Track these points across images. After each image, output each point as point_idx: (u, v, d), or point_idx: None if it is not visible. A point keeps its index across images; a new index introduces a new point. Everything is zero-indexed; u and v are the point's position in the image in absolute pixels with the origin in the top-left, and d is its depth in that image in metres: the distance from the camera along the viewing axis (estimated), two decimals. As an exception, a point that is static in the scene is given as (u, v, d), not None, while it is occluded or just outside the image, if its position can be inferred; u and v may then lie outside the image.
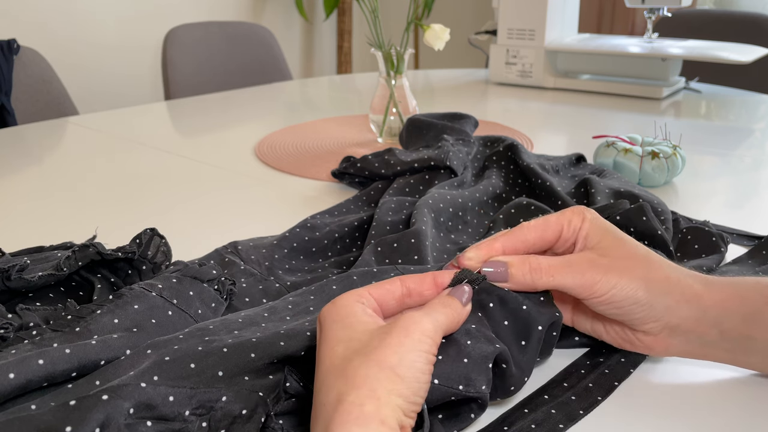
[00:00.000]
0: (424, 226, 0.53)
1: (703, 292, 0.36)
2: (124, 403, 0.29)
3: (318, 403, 0.28)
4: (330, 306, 0.32)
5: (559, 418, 0.35)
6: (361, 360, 0.28)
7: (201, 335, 0.35)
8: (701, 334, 0.36)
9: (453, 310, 0.33)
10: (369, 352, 0.29)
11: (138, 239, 0.45)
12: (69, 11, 2.09)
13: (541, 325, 0.35)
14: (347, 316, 0.31)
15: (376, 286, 0.34)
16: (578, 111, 1.15)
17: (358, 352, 0.29)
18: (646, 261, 0.36)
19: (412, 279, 0.35)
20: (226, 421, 0.31)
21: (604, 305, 0.36)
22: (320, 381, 0.29)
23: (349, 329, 0.30)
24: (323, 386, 0.28)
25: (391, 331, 0.30)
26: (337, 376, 0.28)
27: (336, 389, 0.27)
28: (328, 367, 0.29)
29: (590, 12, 2.42)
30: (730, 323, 0.36)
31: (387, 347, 0.29)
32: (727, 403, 0.37)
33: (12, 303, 0.42)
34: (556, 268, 0.36)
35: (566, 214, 0.38)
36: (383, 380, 0.27)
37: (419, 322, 0.30)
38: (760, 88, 1.34)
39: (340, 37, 2.97)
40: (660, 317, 0.36)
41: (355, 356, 0.29)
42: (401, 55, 0.89)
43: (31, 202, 0.71)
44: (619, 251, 0.36)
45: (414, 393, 0.28)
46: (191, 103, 1.26)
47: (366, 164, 0.70)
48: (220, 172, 0.81)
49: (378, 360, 0.28)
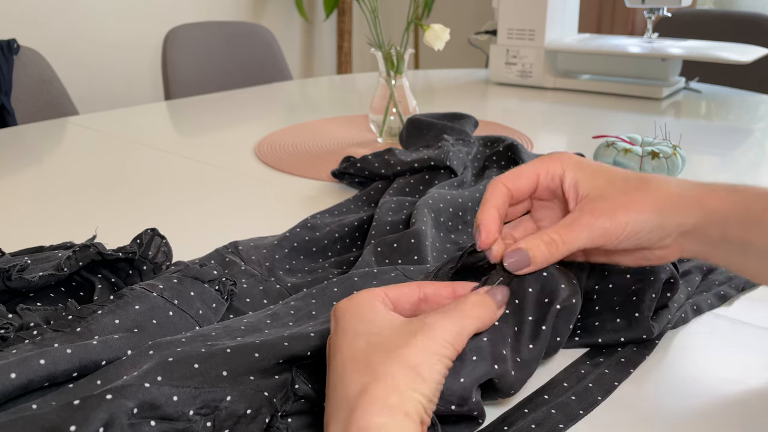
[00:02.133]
0: (424, 226, 0.53)
1: (704, 196, 0.36)
2: (128, 403, 0.29)
3: (336, 395, 0.28)
4: (348, 301, 0.33)
5: (559, 418, 0.35)
6: (385, 356, 0.29)
7: (203, 340, 0.35)
8: (707, 235, 0.37)
9: (487, 312, 0.34)
10: (393, 349, 0.29)
11: (139, 239, 0.45)
12: (69, 11, 2.09)
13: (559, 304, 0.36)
14: (368, 311, 0.32)
15: (393, 288, 0.34)
16: (578, 111, 1.15)
17: (381, 346, 0.29)
18: (644, 187, 0.37)
19: (430, 286, 0.35)
20: (231, 420, 0.31)
21: (621, 243, 0.36)
22: (338, 373, 0.29)
23: (370, 324, 0.31)
24: (343, 378, 0.29)
25: (416, 332, 0.30)
26: (359, 369, 0.28)
27: (359, 382, 0.28)
28: (347, 359, 0.29)
29: (590, 12, 2.42)
30: (732, 227, 0.36)
31: (412, 347, 0.29)
32: (727, 403, 0.37)
33: (12, 303, 0.42)
34: (567, 234, 0.36)
35: (543, 161, 0.39)
36: (406, 378, 0.28)
37: (446, 328, 0.31)
38: (760, 88, 1.34)
39: (340, 37, 2.97)
40: (672, 231, 0.36)
41: (377, 351, 0.29)
42: (401, 55, 0.89)
43: (31, 202, 0.71)
44: (615, 187, 0.37)
45: (433, 394, 0.29)
46: (191, 103, 1.26)
47: (366, 164, 0.70)
48: (220, 172, 0.81)
49: (402, 358, 0.28)
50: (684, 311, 0.45)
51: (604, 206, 0.36)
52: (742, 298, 0.49)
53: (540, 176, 0.39)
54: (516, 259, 0.36)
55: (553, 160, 0.39)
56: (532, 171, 0.39)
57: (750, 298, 0.49)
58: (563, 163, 0.39)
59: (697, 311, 0.46)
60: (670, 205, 0.36)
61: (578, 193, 0.38)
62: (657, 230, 0.36)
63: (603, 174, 0.38)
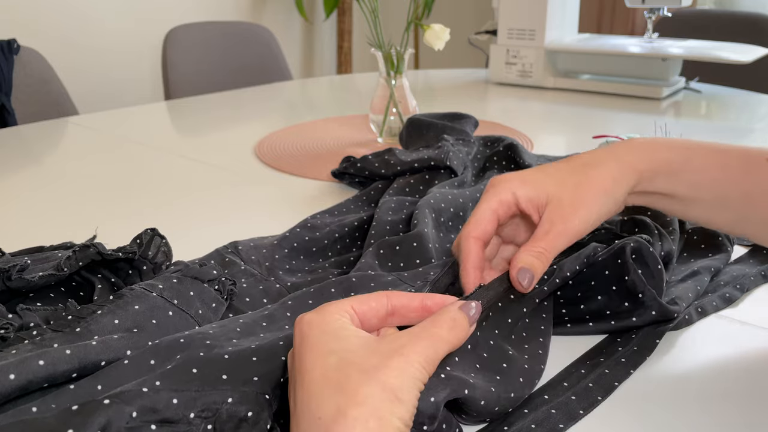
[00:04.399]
0: (426, 228, 0.53)
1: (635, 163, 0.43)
2: (126, 407, 0.29)
3: (308, 415, 0.27)
4: (315, 316, 0.31)
5: (559, 418, 0.35)
6: (362, 377, 0.27)
7: (202, 338, 0.35)
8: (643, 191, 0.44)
9: (462, 333, 0.32)
10: (369, 370, 0.28)
11: (138, 239, 0.45)
12: (69, 11, 2.09)
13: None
14: (339, 329, 0.30)
15: (360, 300, 0.33)
16: (578, 111, 1.15)
17: (355, 366, 0.28)
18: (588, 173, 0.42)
19: (399, 298, 0.34)
20: (232, 423, 0.31)
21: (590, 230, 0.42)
22: (310, 392, 0.28)
23: (343, 341, 0.30)
24: (315, 397, 0.27)
25: (393, 354, 0.29)
26: (333, 389, 0.27)
27: (333, 403, 0.27)
28: (318, 376, 0.28)
29: (590, 12, 2.42)
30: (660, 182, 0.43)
31: (389, 369, 0.28)
32: (727, 403, 0.37)
33: (12, 303, 0.42)
34: (548, 243, 0.40)
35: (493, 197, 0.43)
36: (386, 401, 0.27)
37: (420, 353, 0.29)
38: (760, 88, 1.34)
39: (340, 37, 2.97)
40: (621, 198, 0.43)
41: (353, 371, 0.28)
42: (401, 55, 0.89)
43: (31, 202, 0.71)
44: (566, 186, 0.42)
45: (409, 418, 0.28)
46: (191, 103, 1.26)
47: (366, 164, 0.70)
48: (220, 172, 0.81)
49: (380, 380, 0.27)
50: (688, 313, 0.45)
51: (567, 210, 0.41)
52: (742, 298, 0.49)
53: (499, 213, 0.43)
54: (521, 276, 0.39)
55: (499, 190, 0.43)
56: (491, 212, 0.43)
57: (750, 299, 0.49)
58: (510, 187, 0.43)
59: (702, 313, 0.46)
60: (614, 183, 0.42)
61: (536, 206, 0.42)
62: (613, 208, 0.42)
63: (548, 179, 0.43)
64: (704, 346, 0.43)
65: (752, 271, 0.51)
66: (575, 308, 0.44)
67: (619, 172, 0.42)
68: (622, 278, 0.42)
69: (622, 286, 0.42)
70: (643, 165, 0.43)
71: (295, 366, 0.30)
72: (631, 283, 0.41)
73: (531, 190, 0.42)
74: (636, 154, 0.43)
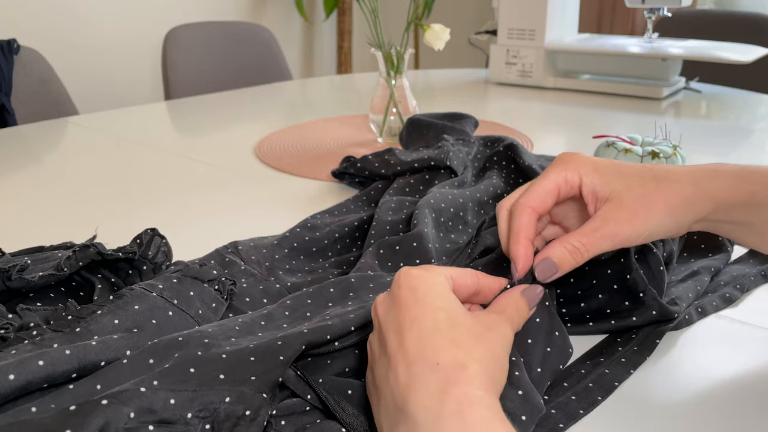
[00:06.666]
0: (426, 228, 0.53)
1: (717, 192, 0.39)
2: (124, 408, 0.29)
3: (422, 358, 0.29)
4: (424, 272, 0.33)
5: (559, 418, 0.35)
6: (474, 340, 0.30)
7: (200, 337, 0.35)
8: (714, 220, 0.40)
9: (521, 316, 0.35)
10: (479, 335, 0.31)
11: (138, 239, 0.45)
12: (69, 11, 2.09)
13: None
14: (444, 291, 0.33)
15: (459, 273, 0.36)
16: (578, 111, 1.15)
17: (465, 328, 0.31)
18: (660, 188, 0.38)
19: (485, 279, 0.37)
20: (230, 422, 0.31)
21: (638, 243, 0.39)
22: (422, 339, 0.30)
23: (450, 303, 0.32)
24: (430, 345, 0.30)
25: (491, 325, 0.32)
26: (448, 342, 0.30)
27: (451, 354, 0.29)
28: (431, 327, 0.30)
29: (590, 12, 2.42)
30: (738, 213, 0.39)
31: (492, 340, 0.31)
32: (727, 403, 0.37)
33: (12, 303, 0.42)
34: (591, 243, 0.37)
35: (560, 170, 0.40)
36: (495, 365, 0.30)
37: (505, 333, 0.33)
38: (760, 88, 1.34)
39: (340, 37, 2.97)
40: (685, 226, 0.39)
41: (463, 331, 0.31)
42: (401, 55, 0.89)
43: (31, 202, 0.71)
44: (633, 192, 0.38)
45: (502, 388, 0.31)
46: (191, 103, 1.26)
47: (366, 164, 0.70)
48: (220, 172, 0.81)
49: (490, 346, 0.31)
50: (688, 313, 0.45)
51: (625, 215, 0.37)
52: (742, 298, 0.49)
53: (561, 191, 0.40)
54: (544, 268, 0.37)
55: (569, 168, 0.40)
56: (553, 185, 0.40)
57: (750, 299, 0.49)
58: (580, 169, 0.40)
59: (702, 313, 0.46)
60: (685, 206, 0.38)
61: (597, 197, 0.39)
62: (673, 229, 0.39)
63: (618, 177, 0.39)
64: (704, 346, 0.43)
65: (752, 271, 0.51)
66: (575, 306, 0.44)
67: (694, 198, 0.38)
68: (623, 277, 0.42)
69: (624, 285, 0.42)
70: (725, 195, 0.39)
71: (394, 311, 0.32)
72: (633, 282, 0.41)
73: (598, 180, 0.39)
74: (720, 182, 0.39)
